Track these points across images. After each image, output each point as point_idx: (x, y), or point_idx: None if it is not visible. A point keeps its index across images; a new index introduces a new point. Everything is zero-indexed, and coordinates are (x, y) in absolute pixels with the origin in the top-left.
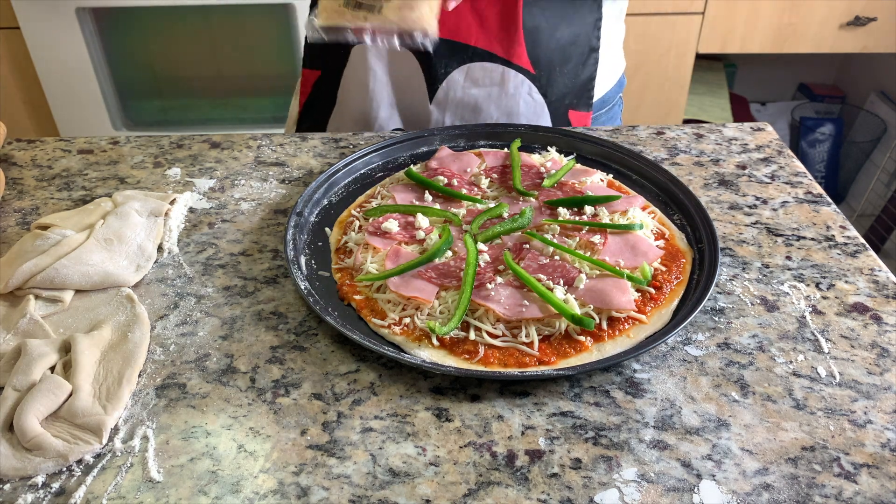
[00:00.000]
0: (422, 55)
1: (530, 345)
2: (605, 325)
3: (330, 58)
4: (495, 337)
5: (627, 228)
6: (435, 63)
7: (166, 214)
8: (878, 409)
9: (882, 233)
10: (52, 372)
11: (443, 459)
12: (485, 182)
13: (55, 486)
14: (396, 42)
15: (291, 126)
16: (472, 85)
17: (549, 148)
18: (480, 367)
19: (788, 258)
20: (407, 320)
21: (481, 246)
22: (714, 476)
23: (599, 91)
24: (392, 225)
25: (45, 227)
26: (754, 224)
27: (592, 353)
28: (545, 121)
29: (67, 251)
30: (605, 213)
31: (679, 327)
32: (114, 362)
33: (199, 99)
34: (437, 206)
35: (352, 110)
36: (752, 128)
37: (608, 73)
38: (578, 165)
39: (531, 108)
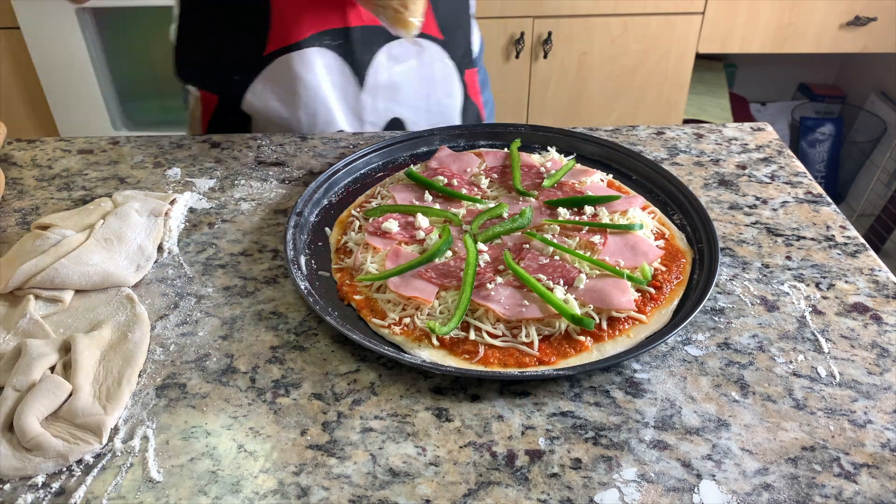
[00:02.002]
0: (343, 48)
1: (530, 345)
2: (605, 325)
3: (221, 81)
4: (495, 337)
5: (627, 228)
6: (357, 52)
7: (166, 214)
8: (878, 409)
9: (882, 233)
10: (52, 372)
11: (443, 459)
12: (485, 182)
13: (55, 486)
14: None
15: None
16: (395, 63)
17: (549, 148)
18: (480, 367)
19: (788, 258)
20: (407, 320)
21: (481, 246)
22: (714, 476)
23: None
24: (392, 225)
25: (45, 227)
26: (754, 224)
27: (592, 353)
28: (455, 82)
29: (67, 251)
30: (605, 213)
31: (679, 327)
32: (114, 362)
33: None
34: (437, 206)
35: (280, 121)
36: (752, 128)
37: (476, 35)
38: (578, 165)
39: (445, 73)
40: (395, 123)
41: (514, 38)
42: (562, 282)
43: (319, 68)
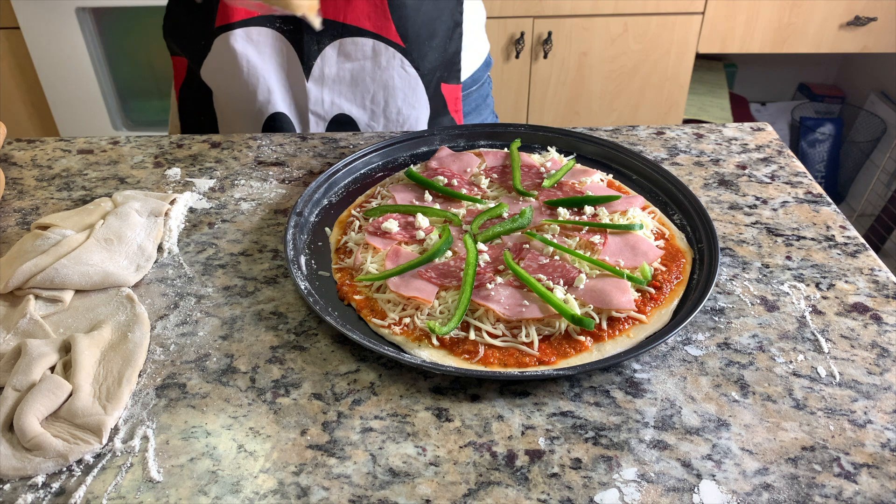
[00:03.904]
0: (292, 34)
1: (530, 345)
2: (605, 325)
3: (190, 47)
4: (495, 337)
5: (627, 228)
6: (306, 40)
7: (166, 214)
8: (878, 408)
9: (882, 233)
10: (52, 372)
11: (443, 459)
12: (485, 182)
13: (55, 486)
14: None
15: (174, 118)
16: (346, 60)
17: (549, 148)
18: (480, 367)
19: (788, 258)
20: (407, 320)
21: (481, 246)
22: (714, 476)
23: (468, 69)
24: (392, 225)
25: (45, 227)
26: (754, 224)
27: (592, 353)
28: (420, 93)
29: (67, 251)
30: (604, 213)
31: (679, 327)
32: (114, 362)
33: None
34: (437, 206)
35: (230, 96)
36: (752, 128)
37: (474, 52)
38: (578, 165)
39: (406, 81)
40: (345, 121)
41: (514, 38)
42: (562, 282)
43: (264, 48)
